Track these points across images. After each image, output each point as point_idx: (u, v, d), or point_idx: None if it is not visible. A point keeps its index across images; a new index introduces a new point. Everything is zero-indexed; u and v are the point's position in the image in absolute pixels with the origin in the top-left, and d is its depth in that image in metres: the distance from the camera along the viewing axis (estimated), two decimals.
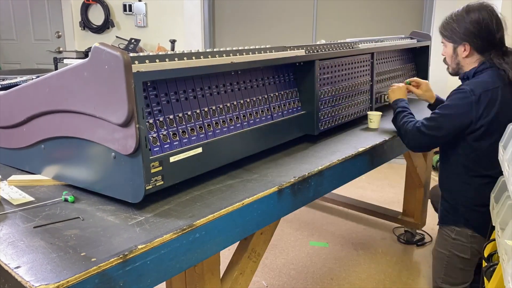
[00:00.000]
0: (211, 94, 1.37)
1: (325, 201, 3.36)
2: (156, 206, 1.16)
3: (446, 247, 1.89)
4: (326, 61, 1.82)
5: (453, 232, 1.85)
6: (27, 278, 0.83)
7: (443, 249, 1.91)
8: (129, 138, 1.05)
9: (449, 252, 1.88)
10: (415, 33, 2.83)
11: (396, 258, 2.65)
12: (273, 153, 1.61)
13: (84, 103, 1.12)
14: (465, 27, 1.69)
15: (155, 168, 1.12)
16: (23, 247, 0.95)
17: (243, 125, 1.47)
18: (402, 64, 2.62)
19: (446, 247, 1.89)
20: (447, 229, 1.88)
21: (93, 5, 5.12)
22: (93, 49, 1.04)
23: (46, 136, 1.29)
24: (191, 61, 1.22)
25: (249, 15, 4.87)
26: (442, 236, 1.91)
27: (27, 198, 1.21)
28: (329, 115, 1.86)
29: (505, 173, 1.31)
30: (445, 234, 1.89)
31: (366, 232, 3.00)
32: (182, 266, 1.05)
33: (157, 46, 4.84)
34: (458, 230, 1.83)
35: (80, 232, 1.02)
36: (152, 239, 0.98)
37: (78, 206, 1.16)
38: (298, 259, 2.65)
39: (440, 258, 1.93)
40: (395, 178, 4.06)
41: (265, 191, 1.26)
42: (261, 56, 1.48)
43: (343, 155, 1.59)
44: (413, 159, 2.61)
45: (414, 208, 2.83)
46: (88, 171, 1.21)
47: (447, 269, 1.91)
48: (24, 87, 1.30)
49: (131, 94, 1.02)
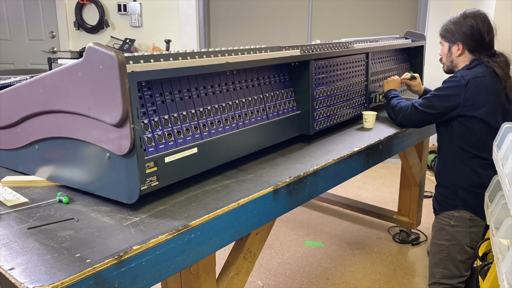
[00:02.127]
0: (206, 94, 1.37)
1: (321, 201, 3.36)
2: (151, 207, 1.16)
3: (445, 237, 1.94)
4: (321, 61, 1.82)
5: (452, 219, 1.91)
6: (21, 280, 0.83)
7: (442, 240, 1.95)
8: (124, 138, 1.05)
9: (449, 242, 1.93)
10: (410, 33, 2.84)
11: (391, 258, 2.66)
12: (268, 153, 1.61)
13: (79, 104, 1.11)
14: (460, 29, 1.89)
15: (150, 168, 1.12)
16: (17, 249, 0.94)
17: (239, 125, 1.47)
18: (396, 64, 2.63)
19: (445, 237, 1.94)
20: (446, 216, 1.94)
21: (87, 5, 5.09)
22: (88, 49, 1.04)
23: (40, 136, 1.28)
24: (186, 61, 1.22)
25: (244, 15, 4.87)
26: (440, 225, 1.96)
27: (21, 199, 1.21)
28: (324, 115, 1.86)
29: (499, 173, 1.32)
30: (443, 222, 1.95)
31: (361, 231, 3.01)
32: (177, 266, 1.05)
33: (152, 46, 4.82)
34: (457, 216, 1.89)
35: (75, 233, 1.01)
36: (147, 240, 0.97)
37: (73, 207, 1.16)
38: (294, 259, 2.65)
39: (439, 251, 1.97)
40: (390, 177, 4.08)
41: (261, 191, 1.26)
42: (256, 56, 1.48)
43: (338, 155, 1.59)
44: (408, 159, 2.62)
45: (409, 207, 2.84)
46: (82, 172, 1.21)
47: (446, 262, 1.95)
48: (18, 88, 1.29)
49: (126, 94, 1.02)
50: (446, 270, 1.96)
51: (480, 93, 1.80)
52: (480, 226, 1.87)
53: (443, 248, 1.95)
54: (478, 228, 1.88)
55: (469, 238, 1.89)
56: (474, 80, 1.81)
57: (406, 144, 2.14)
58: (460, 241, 1.90)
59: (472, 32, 1.86)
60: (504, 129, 1.42)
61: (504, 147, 1.33)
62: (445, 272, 1.97)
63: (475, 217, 1.87)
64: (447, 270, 1.96)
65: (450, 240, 1.93)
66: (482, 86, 1.81)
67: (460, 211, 1.90)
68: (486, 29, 1.86)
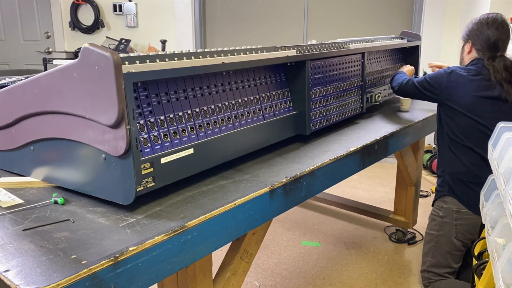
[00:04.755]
0: (202, 94, 1.37)
1: (317, 201, 3.36)
2: (147, 208, 1.15)
3: (435, 227, 2.12)
4: (317, 61, 1.82)
5: (441, 210, 2.09)
6: (17, 282, 0.82)
7: (432, 230, 2.13)
8: (120, 139, 1.05)
9: (437, 232, 2.10)
10: (405, 33, 2.85)
11: (388, 257, 2.66)
12: (265, 154, 1.61)
13: (74, 104, 1.11)
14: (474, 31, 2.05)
15: (146, 169, 1.12)
16: (12, 250, 0.94)
17: (235, 126, 1.46)
18: (392, 64, 2.64)
19: (435, 227, 2.12)
20: (436, 207, 2.13)
21: (82, 5, 5.08)
22: (83, 50, 1.03)
23: (35, 137, 1.27)
24: (182, 62, 1.21)
25: (240, 15, 4.87)
26: (432, 216, 2.15)
27: (16, 200, 1.20)
28: (320, 115, 1.86)
29: (495, 172, 1.32)
30: (434, 213, 2.14)
31: (357, 231, 3.02)
32: (174, 267, 1.04)
33: (148, 47, 4.81)
34: (445, 207, 2.07)
35: (70, 234, 1.01)
36: (144, 241, 0.97)
37: (68, 208, 1.15)
38: (290, 259, 2.65)
39: (429, 241, 2.15)
40: (386, 177, 4.09)
41: (257, 191, 1.26)
42: (252, 56, 1.48)
43: (335, 155, 1.59)
44: (404, 158, 2.63)
45: (405, 207, 2.84)
46: (78, 173, 1.20)
47: (435, 251, 2.11)
48: (13, 88, 1.28)
49: (121, 95, 1.01)
50: (434, 259, 2.12)
51: (459, 86, 1.98)
52: (466, 219, 2.01)
53: (433, 238, 2.12)
54: (464, 221, 2.02)
55: (455, 230, 2.04)
56: (457, 73, 2.00)
57: (402, 143, 2.15)
58: (447, 232, 2.05)
59: (483, 35, 2.01)
60: (499, 128, 1.43)
61: (499, 146, 1.34)
62: (433, 261, 2.12)
63: (461, 209, 2.02)
64: (435, 259, 2.12)
65: (439, 231, 2.09)
66: (463, 80, 1.98)
67: (448, 202, 2.06)
68: (496, 34, 1.98)
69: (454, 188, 2.05)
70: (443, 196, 2.09)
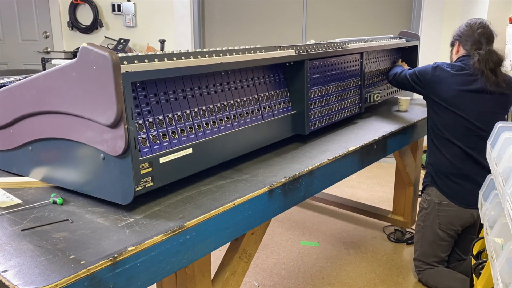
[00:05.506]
0: (201, 94, 1.36)
1: (316, 201, 3.37)
2: (146, 208, 1.15)
3: (421, 218, 2.26)
4: (316, 61, 1.82)
5: (425, 202, 2.23)
6: (15, 282, 0.82)
7: (419, 221, 2.28)
8: (118, 139, 1.05)
9: (423, 223, 2.25)
10: (404, 33, 2.85)
11: (387, 257, 2.66)
12: (263, 153, 1.60)
13: (73, 104, 1.11)
14: (459, 31, 2.21)
15: (144, 169, 1.11)
16: (10, 251, 0.94)
17: (234, 126, 1.46)
18: (391, 64, 2.64)
19: (421, 218, 2.26)
20: (422, 199, 2.26)
21: (81, 5, 5.07)
22: (81, 50, 1.03)
23: (33, 137, 1.27)
24: (180, 61, 1.21)
25: (239, 15, 4.87)
26: (420, 208, 2.28)
27: (15, 200, 1.20)
28: (319, 114, 1.86)
29: (493, 172, 1.32)
30: (420, 205, 2.27)
31: (356, 231, 3.02)
32: (172, 267, 1.04)
33: (146, 46, 4.81)
34: (428, 200, 2.20)
35: (69, 234, 1.01)
36: (142, 241, 0.97)
37: (67, 208, 1.15)
38: (289, 259, 2.65)
39: (418, 231, 2.30)
40: (385, 177, 4.09)
41: (256, 191, 1.26)
42: (251, 56, 1.48)
43: (334, 155, 1.59)
44: (403, 158, 2.63)
45: (404, 206, 2.85)
46: (76, 173, 1.20)
47: (422, 241, 2.27)
48: (11, 88, 1.28)
49: (120, 94, 1.01)
50: (422, 248, 2.27)
51: (442, 80, 2.08)
52: (447, 211, 2.15)
53: (420, 228, 2.27)
54: (445, 212, 2.15)
55: (438, 221, 2.17)
56: (442, 68, 2.11)
57: (401, 143, 2.15)
58: (432, 223, 2.20)
59: (469, 33, 2.13)
60: (497, 128, 1.43)
61: (497, 146, 1.34)
62: (421, 250, 2.28)
63: (443, 201, 2.15)
64: (423, 249, 2.27)
65: (424, 221, 2.24)
66: (446, 74, 2.08)
67: (431, 195, 2.19)
68: (482, 32, 2.10)
69: (436, 180, 2.17)
70: (427, 186, 2.23)
